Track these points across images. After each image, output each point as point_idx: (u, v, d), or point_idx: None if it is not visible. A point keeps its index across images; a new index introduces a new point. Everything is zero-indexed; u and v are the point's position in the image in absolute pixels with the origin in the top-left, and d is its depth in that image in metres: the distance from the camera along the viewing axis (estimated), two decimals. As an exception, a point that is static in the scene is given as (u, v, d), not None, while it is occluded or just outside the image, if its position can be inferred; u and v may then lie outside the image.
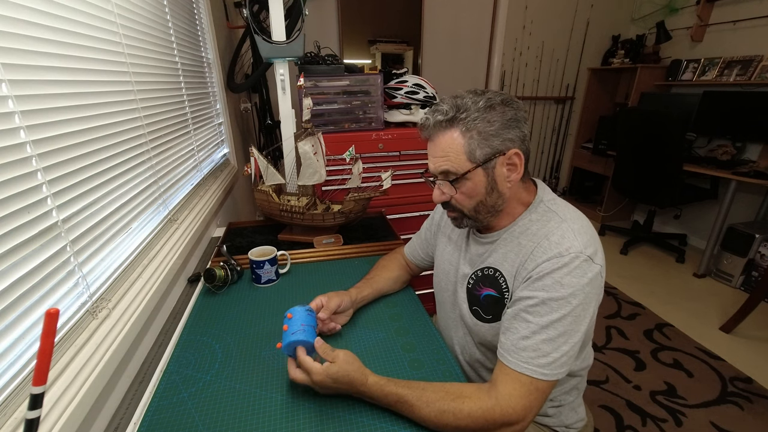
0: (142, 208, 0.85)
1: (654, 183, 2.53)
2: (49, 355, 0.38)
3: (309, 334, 0.64)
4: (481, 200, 0.69)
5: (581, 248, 0.62)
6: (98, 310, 0.65)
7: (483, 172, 0.67)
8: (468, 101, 0.65)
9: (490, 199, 0.69)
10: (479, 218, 0.71)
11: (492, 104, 0.65)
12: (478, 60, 3.01)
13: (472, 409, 0.58)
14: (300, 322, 0.65)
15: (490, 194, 0.68)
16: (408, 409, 0.59)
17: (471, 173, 0.66)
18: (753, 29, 2.47)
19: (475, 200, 0.69)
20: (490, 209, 0.70)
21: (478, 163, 0.66)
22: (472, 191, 0.68)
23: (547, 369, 0.60)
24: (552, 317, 0.61)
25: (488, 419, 0.58)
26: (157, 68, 0.98)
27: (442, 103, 0.68)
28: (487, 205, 0.69)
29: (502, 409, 0.58)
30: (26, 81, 0.52)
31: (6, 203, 0.47)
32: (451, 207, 0.73)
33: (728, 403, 1.54)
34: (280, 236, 1.22)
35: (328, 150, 1.20)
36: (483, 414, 0.58)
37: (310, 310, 0.69)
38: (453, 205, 0.72)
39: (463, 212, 0.72)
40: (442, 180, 0.70)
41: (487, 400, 0.59)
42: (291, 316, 0.66)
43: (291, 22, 1.29)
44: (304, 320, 0.66)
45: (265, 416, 0.62)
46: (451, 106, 0.66)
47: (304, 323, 0.65)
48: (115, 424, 0.60)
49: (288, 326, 0.65)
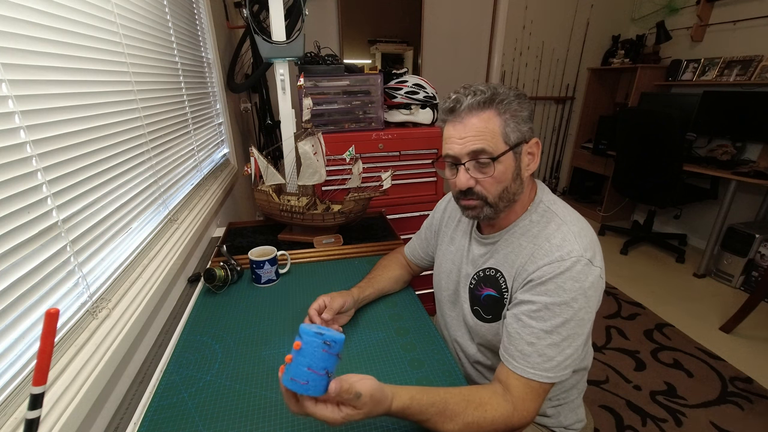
0: (142, 208, 0.85)
1: (654, 183, 2.53)
2: (49, 355, 0.38)
3: (318, 386, 0.46)
4: (507, 186, 0.67)
5: (582, 252, 0.62)
6: (98, 310, 0.65)
7: (513, 156, 0.66)
8: (500, 87, 0.66)
9: (513, 186, 0.68)
10: (499, 207, 0.68)
11: (520, 94, 0.66)
12: (478, 60, 3.01)
13: (495, 416, 0.58)
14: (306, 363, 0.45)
15: (515, 181, 0.67)
16: (431, 427, 0.58)
17: (504, 156, 0.65)
18: (753, 29, 2.47)
19: (502, 186, 0.66)
20: (511, 198, 0.68)
21: (511, 147, 0.65)
22: (502, 175, 0.66)
23: (552, 372, 0.61)
24: (555, 322, 0.61)
25: (508, 425, 0.59)
26: (157, 68, 0.98)
27: (473, 86, 0.66)
28: (510, 193, 0.68)
29: (520, 413, 0.60)
30: (26, 81, 0.52)
31: (6, 203, 0.47)
32: (475, 194, 0.68)
33: (728, 403, 1.54)
34: (280, 236, 1.22)
35: (328, 150, 1.20)
36: (504, 420, 0.59)
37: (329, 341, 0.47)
38: (477, 191, 0.67)
39: (487, 200, 0.67)
40: (471, 162, 0.66)
41: (506, 405, 0.60)
42: (299, 346, 0.46)
43: (291, 22, 1.29)
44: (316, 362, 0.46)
45: (265, 416, 0.62)
46: (488, 88, 0.65)
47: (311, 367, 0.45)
48: (115, 424, 0.60)
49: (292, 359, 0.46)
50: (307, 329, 0.47)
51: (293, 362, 0.46)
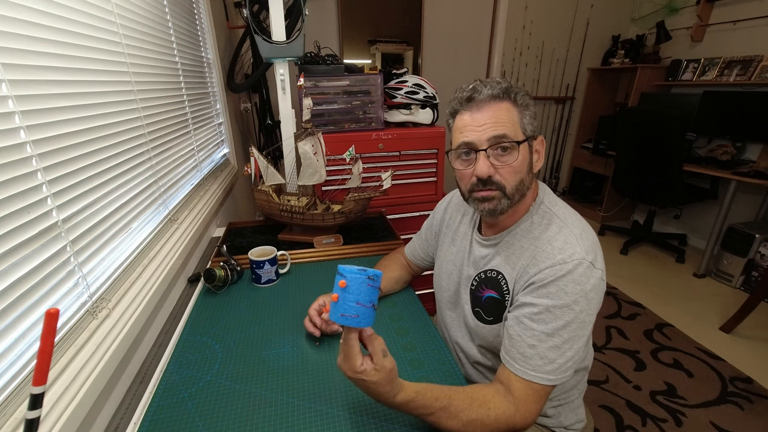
0: (142, 208, 0.85)
1: (654, 183, 2.53)
2: (49, 355, 0.38)
3: (368, 317, 0.50)
4: (523, 178, 0.67)
5: (584, 254, 0.62)
6: (98, 310, 0.65)
7: (527, 148, 0.67)
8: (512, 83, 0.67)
9: (528, 179, 0.68)
10: (514, 200, 0.67)
11: (527, 92, 0.68)
12: (478, 60, 3.01)
13: (498, 415, 0.59)
14: (354, 299, 0.49)
15: (529, 173, 0.68)
16: (434, 421, 0.58)
17: (522, 145, 0.65)
18: (753, 29, 2.47)
19: (520, 176, 0.66)
20: (524, 192, 0.68)
21: (527, 137, 0.66)
22: (521, 165, 0.66)
23: (553, 375, 0.61)
24: (557, 324, 0.61)
25: (510, 424, 0.59)
26: (157, 68, 0.98)
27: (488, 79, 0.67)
28: (524, 186, 0.67)
29: (522, 415, 0.60)
30: (26, 81, 0.52)
31: (6, 203, 0.47)
32: (494, 183, 0.66)
33: (728, 403, 1.54)
34: (280, 236, 1.22)
35: (328, 150, 1.20)
36: (507, 420, 0.59)
37: (372, 276, 0.50)
38: (497, 181, 0.66)
39: (505, 190, 0.66)
40: (492, 149, 0.64)
41: (509, 405, 0.60)
42: (344, 284, 0.49)
43: (291, 22, 1.29)
44: (363, 296, 0.49)
45: (265, 416, 0.62)
46: (504, 80, 0.66)
47: (360, 301, 0.49)
48: (115, 424, 0.60)
49: (339, 297, 0.49)
50: (348, 268, 0.50)
51: (341, 300, 0.49)
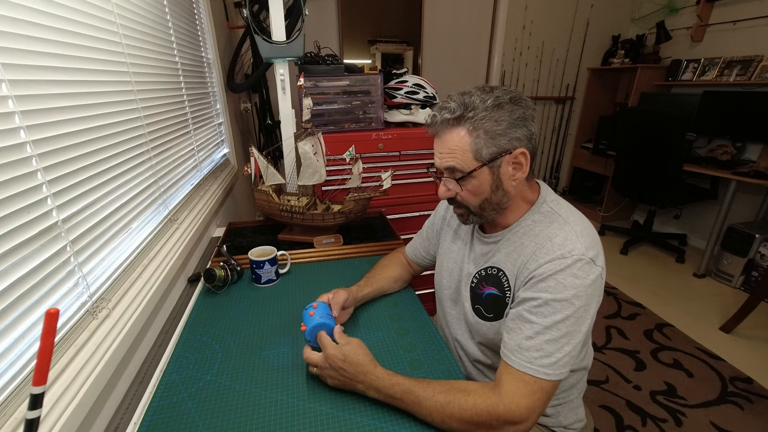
0: (142, 208, 0.85)
1: (654, 183, 2.53)
2: (49, 355, 0.38)
3: (332, 321, 0.73)
4: (487, 198, 0.69)
5: (584, 251, 0.62)
6: (98, 310, 0.65)
7: (489, 170, 0.67)
8: (476, 99, 0.65)
9: (495, 197, 0.69)
10: (485, 215, 0.72)
11: (500, 103, 0.65)
12: (478, 60, 3.01)
13: (477, 402, 0.59)
14: (325, 311, 0.75)
15: (495, 192, 0.69)
16: (413, 400, 0.59)
17: (477, 171, 0.66)
18: (753, 29, 2.47)
19: (481, 198, 0.69)
20: (495, 206, 0.71)
21: (484, 162, 0.66)
22: (477, 189, 0.68)
23: (550, 369, 0.60)
24: (555, 318, 0.61)
25: (492, 414, 0.58)
26: (157, 68, 0.98)
27: (450, 100, 0.67)
28: (492, 203, 0.70)
29: (506, 405, 0.58)
30: (26, 81, 0.52)
31: (6, 203, 0.47)
32: (457, 203, 0.73)
33: (728, 403, 1.54)
34: (280, 236, 1.22)
35: (328, 150, 1.20)
36: (487, 408, 0.58)
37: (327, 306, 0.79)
38: (459, 201, 0.72)
39: (469, 209, 0.72)
40: (448, 176, 0.71)
41: (492, 396, 0.60)
42: (317, 306, 0.75)
43: (291, 22, 1.29)
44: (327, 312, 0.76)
45: (265, 416, 0.62)
46: (459, 104, 0.65)
47: (328, 313, 0.75)
48: (115, 424, 0.60)
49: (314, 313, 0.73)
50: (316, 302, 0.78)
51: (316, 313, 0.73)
